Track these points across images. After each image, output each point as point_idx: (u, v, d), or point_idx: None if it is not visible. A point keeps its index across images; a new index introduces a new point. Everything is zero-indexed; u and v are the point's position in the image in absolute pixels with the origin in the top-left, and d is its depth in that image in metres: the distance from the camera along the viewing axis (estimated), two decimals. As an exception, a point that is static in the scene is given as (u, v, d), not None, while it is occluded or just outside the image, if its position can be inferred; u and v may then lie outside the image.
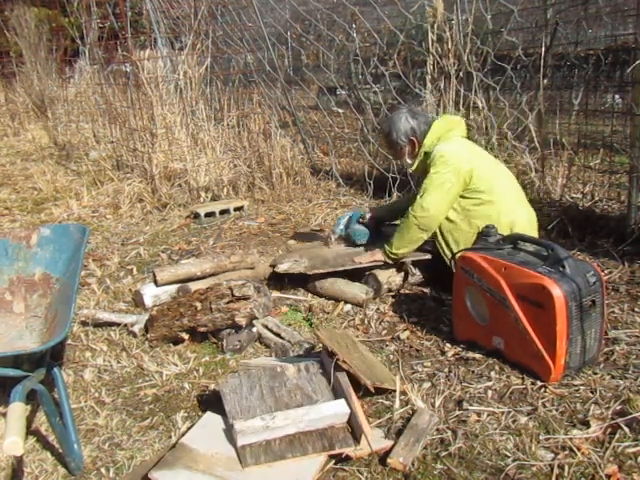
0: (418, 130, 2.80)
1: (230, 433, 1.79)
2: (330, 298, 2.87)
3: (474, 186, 2.66)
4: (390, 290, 2.86)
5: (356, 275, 2.92)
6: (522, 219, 2.70)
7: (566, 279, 2.02)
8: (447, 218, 2.73)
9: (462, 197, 2.69)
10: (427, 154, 2.78)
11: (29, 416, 2.02)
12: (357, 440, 1.76)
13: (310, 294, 2.95)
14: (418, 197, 2.70)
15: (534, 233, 2.74)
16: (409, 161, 2.89)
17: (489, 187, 2.67)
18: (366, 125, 4.81)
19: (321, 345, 2.08)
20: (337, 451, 1.74)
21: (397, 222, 3.26)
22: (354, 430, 1.80)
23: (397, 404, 2.00)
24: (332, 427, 1.81)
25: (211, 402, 2.04)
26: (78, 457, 1.79)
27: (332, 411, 1.81)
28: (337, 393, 1.91)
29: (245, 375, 1.99)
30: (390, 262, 2.84)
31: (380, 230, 3.15)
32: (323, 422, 1.80)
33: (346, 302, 2.82)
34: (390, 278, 2.86)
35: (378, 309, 2.75)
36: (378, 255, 2.85)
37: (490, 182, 2.68)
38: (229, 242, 3.76)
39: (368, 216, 3.15)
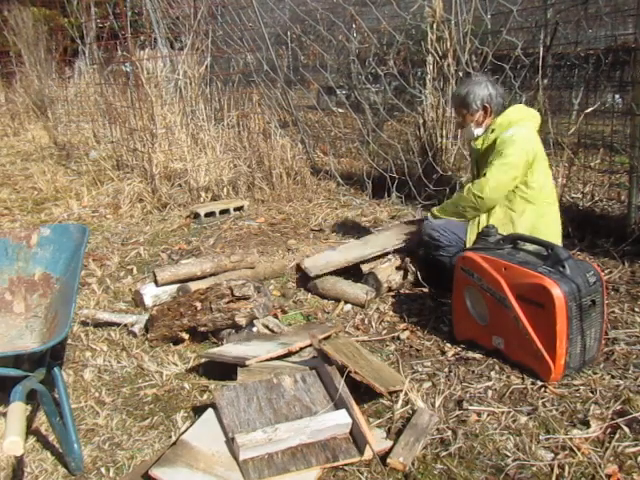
0: (494, 100, 2.71)
1: (230, 445, 1.77)
2: (331, 298, 2.87)
3: (528, 179, 2.61)
4: (390, 289, 2.87)
5: (359, 275, 2.94)
6: (555, 227, 2.70)
7: (566, 279, 2.02)
8: None
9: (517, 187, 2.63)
10: (494, 135, 2.68)
11: (29, 416, 2.02)
12: (360, 451, 1.75)
13: (310, 294, 2.95)
14: (483, 177, 2.61)
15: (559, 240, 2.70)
16: (473, 129, 2.78)
17: (539, 186, 2.62)
18: (365, 125, 4.81)
19: (326, 357, 2.06)
20: (341, 462, 1.73)
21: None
22: (356, 440, 1.79)
23: (400, 404, 1.99)
24: (334, 438, 1.79)
25: (211, 402, 2.04)
26: (78, 457, 1.79)
27: (334, 422, 1.80)
28: (337, 403, 1.90)
29: (241, 387, 1.97)
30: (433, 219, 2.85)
31: None
32: (325, 433, 1.79)
33: (347, 302, 2.82)
34: (390, 277, 2.87)
35: (378, 309, 2.75)
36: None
37: (540, 182, 2.63)
38: (229, 242, 3.76)
39: None
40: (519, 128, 2.62)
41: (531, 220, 2.62)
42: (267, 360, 2.18)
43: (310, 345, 2.19)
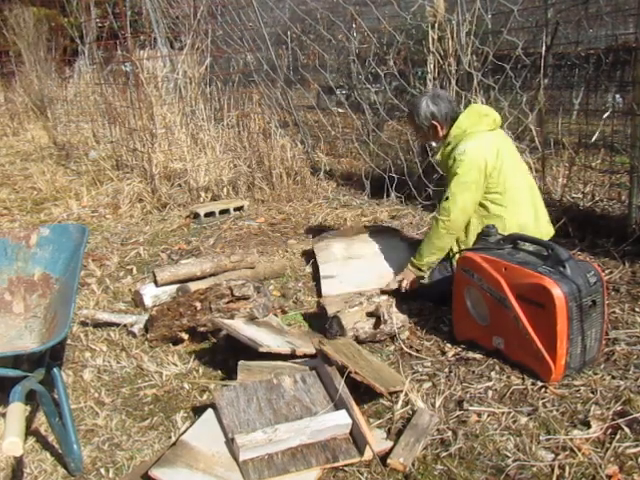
0: (439, 115, 2.72)
1: (230, 445, 1.77)
2: None
3: (491, 186, 2.61)
4: (357, 338, 2.41)
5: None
6: (530, 222, 2.66)
7: (566, 279, 2.02)
8: None
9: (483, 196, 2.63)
10: (451, 146, 2.69)
11: (29, 416, 2.01)
12: (360, 451, 1.74)
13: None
14: (444, 201, 2.62)
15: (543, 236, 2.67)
16: (434, 144, 2.85)
17: (505, 188, 2.61)
18: (365, 125, 4.81)
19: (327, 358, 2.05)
20: (341, 463, 1.72)
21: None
22: (356, 440, 1.78)
23: (400, 404, 1.99)
24: (334, 438, 1.79)
25: (211, 402, 2.04)
26: (78, 457, 1.79)
27: (334, 422, 1.79)
28: (337, 403, 1.89)
29: (241, 388, 1.97)
30: (422, 275, 2.75)
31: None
32: (325, 434, 1.78)
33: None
34: (357, 324, 2.42)
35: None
36: (409, 275, 2.73)
37: (506, 183, 2.61)
38: (229, 242, 3.75)
39: None
40: (469, 142, 2.61)
41: (512, 220, 2.60)
42: (276, 355, 2.18)
43: (314, 355, 2.18)
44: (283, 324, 2.59)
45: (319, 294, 2.91)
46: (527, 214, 2.67)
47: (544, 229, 2.70)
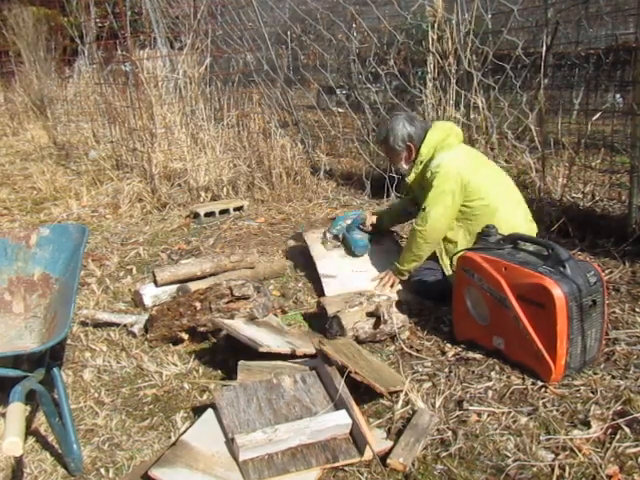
0: (415, 136, 2.77)
1: (230, 445, 1.77)
2: None
3: (472, 195, 2.64)
4: (357, 338, 2.42)
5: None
6: (520, 224, 2.69)
7: (567, 279, 2.02)
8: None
9: (463, 206, 2.66)
10: (423, 164, 2.74)
11: (28, 416, 2.01)
12: (360, 452, 1.74)
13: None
14: (422, 211, 2.66)
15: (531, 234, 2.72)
16: (405, 167, 2.86)
17: (486, 194, 2.64)
18: (365, 125, 4.80)
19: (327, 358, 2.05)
20: (341, 463, 1.72)
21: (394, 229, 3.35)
22: (356, 440, 1.78)
23: (400, 404, 1.99)
24: (334, 438, 1.79)
25: (211, 402, 2.03)
26: (77, 457, 1.78)
27: (334, 422, 1.79)
28: (337, 403, 1.89)
29: (241, 388, 1.97)
30: (403, 279, 2.81)
31: (379, 234, 3.16)
32: (325, 434, 1.78)
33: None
34: (357, 324, 2.42)
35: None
36: (391, 279, 2.80)
37: (487, 189, 2.65)
38: (229, 242, 3.75)
39: (369, 222, 3.13)
40: (442, 154, 2.67)
41: (500, 222, 2.59)
42: (276, 355, 2.18)
43: (314, 355, 2.18)
44: (283, 324, 2.59)
45: (318, 292, 2.91)
46: (513, 214, 2.70)
47: (528, 226, 2.74)
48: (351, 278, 2.90)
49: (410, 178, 2.83)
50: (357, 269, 2.98)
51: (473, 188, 2.63)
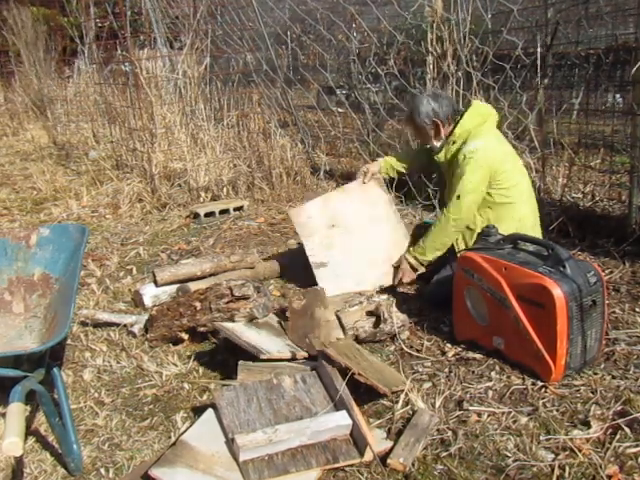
0: (441, 112, 2.72)
1: (230, 445, 1.77)
2: None
3: (497, 185, 2.63)
4: (357, 338, 2.41)
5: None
6: (535, 221, 2.74)
7: (567, 279, 2.02)
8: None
9: (487, 194, 2.65)
10: (456, 145, 2.69)
11: (28, 416, 2.01)
12: (361, 452, 1.74)
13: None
14: (454, 198, 2.63)
15: (539, 230, 2.77)
16: (436, 144, 2.80)
17: (510, 186, 2.64)
18: (365, 125, 4.81)
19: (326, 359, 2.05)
20: (341, 464, 1.72)
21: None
22: (356, 441, 1.78)
23: (400, 404, 1.99)
24: (335, 439, 1.78)
25: (211, 402, 2.03)
26: (77, 457, 1.79)
27: (334, 423, 1.79)
28: (338, 404, 1.89)
29: (241, 388, 1.96)
30: (422, 271, 2.76)
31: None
32: (326, 434, 1.78)
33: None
34: (357, 323, 2.42)
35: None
36: (408, 273, 2.75)
37: (512, 182, 2.65)
38: (229, 242, 3.75)
39: (369, 176, 2.98)
40: (477, 141, 2.63)
41: (516, 213, 2.65)
42: (276, 360, 2.18)
43: (315, 357, 2.18)
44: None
45: (310, 282, 2.80)
46: (529, 208, 2.73)
47: (538, 222, 2.77)
48: (341, 264, 2.84)
49: (440, 156, 2.78)
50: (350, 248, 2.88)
51: (500, 179, 2.62)
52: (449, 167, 2.77)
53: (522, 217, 2.67)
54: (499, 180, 2.62)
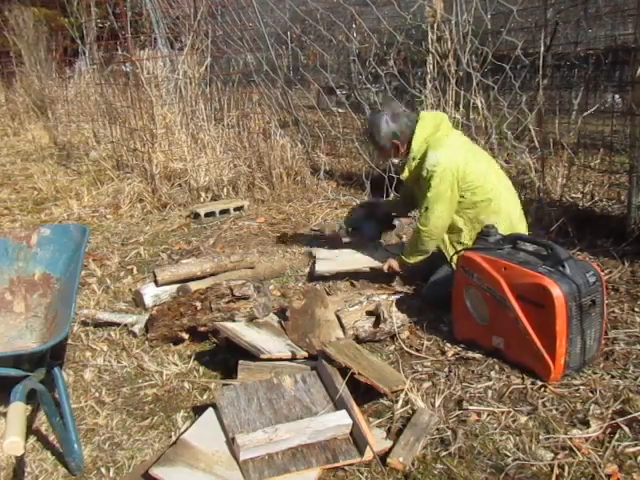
0: (400, 133, 2.75)
1: (230, 445, 1.77)
2: None
3: (469, 186, 2.64)
4: (357, 337, 2.42)
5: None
6: (518, 213, 2.76)
7: (566, 279, 2.02)
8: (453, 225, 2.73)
9: (461, 197, 2.67)
10: (416, 160, 2.73)
11: (29, 416, 2.02)
12: (361, 452, 1.74)
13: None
14: (424, 212, 2.68)
15: (524, 226, 2.78)
16: (395, 161, 2.88)
17: (484, 183, 2.66)
18: (365, 125, 4.81)
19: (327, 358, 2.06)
20: (341, 463, 1.73)
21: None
22: (356, 441, 1.78)
23: (400, 404, 1.99)
24: (335, 439, 1.79)
25: (211, 402, 2.04)
26: (78, 457, 1.79)
27: (334, 423, 1.79)
28: (338, 404, 1.90)
29: (241, 387, 1.97)
30: (406, 267, 2.89)
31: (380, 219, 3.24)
32: (326, 434, 1.78)
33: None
34: (357, 323, 2.44)
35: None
36: (393, 264, 2.89)
37: (484, 178, 2.67)
38: (229, 242, 3.76)
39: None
40: (437, 151, 2.64)
41: (501, 209, 2.68)
42: (277, 360, 2.19)
43: (315, 357, 2.19)
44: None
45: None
46: (513, 203, 2.75)
47: (522, 212, 2.80)
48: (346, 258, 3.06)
49: (404, 175, 2.83)
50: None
51: (470, 179, 2.64)
52: (415, 182, 2.80)
53: (502, 210, 2.68)
54: (469, 181, 2.63)
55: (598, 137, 4.44)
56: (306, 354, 2.24)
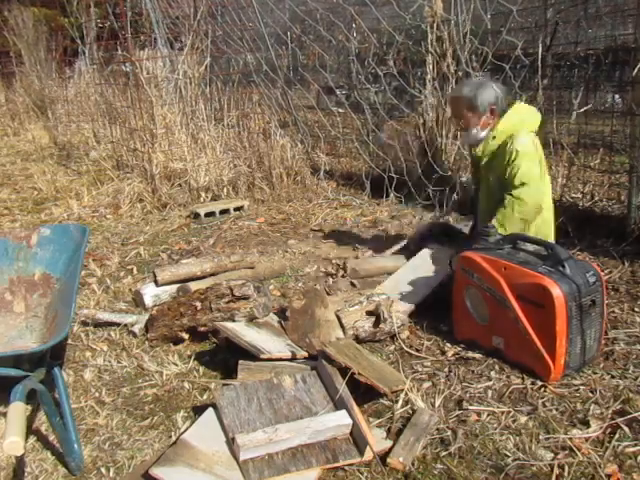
0: (500, 102, 2.67)
1: (230, 444, 1.77)
2: None
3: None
4: (357, 337, 2.41)
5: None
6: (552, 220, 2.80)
7: (566, 279, 2.02)
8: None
9: None
10: (496, 142, 2.66)
11: (29, 416, 2.02)
12: (361, 452, 1.74)
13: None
14: (514, 191, 2.60)
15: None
16: (478, 132, 2.71)
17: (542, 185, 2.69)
18: (365, 125, 4.81)
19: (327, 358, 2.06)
20: (341, 463, 1.73)
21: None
22: (356, 441, 1.78)
23: (400, 404, 1.99)
24: (335, 439, 1.79)
25: (211, 402, 2.04)
26: (78, 457, 1.79)
27: (334, 423, 1.79)
28: (338, 404, 1.90)
29: (241, 387, 1.97)
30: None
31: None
32: (326, 434, 1.78)
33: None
34: (357, 323, 2.43)
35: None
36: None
37: (544, 181, 2.71)
38: (229, 242, 3.76)
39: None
40: (524, 137, 2.60)
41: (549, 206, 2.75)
42: (277, 360, 2.19)
43: (315, 357, 2.19)
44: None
45: None
46: (551, 210, 2.79)
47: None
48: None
49: (478, 150, 2.74)
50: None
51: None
52: (488, 162, 2.73)
53: (550, 207, 2.74)
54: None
55: (598, 137, 4.44)
56: (306, 354, 2.25)
